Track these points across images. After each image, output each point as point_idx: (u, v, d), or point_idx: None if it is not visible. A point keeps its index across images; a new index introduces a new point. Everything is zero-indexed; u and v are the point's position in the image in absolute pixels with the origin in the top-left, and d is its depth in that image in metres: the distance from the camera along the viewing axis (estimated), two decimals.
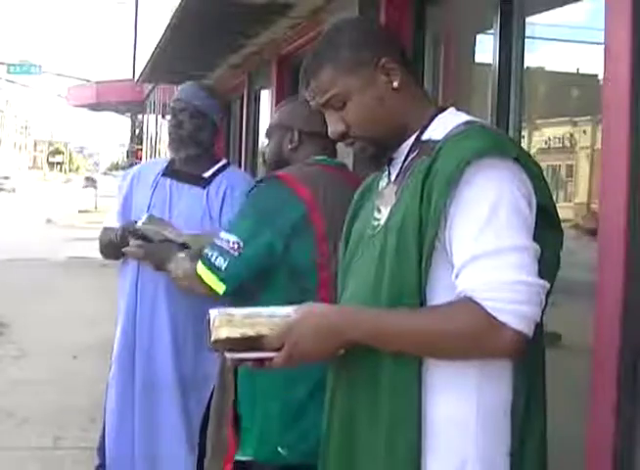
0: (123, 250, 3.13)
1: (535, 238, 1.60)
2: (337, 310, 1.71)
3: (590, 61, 3.26)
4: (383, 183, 1.81)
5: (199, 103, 3.25)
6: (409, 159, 1.72)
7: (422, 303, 1.60)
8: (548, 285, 1.58)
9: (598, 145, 3.03)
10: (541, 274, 1.59)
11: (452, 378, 1.60)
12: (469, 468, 1.59)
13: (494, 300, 1.52)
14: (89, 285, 11.07)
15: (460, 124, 1.68)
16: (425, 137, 1.71)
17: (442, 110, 1.77)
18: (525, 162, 1.64)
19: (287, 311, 1.67)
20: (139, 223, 3.09)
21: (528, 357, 1.63)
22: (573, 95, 3.82)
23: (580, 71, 3.58)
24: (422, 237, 1.59)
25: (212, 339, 1.65)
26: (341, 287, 1.87)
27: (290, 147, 2.58)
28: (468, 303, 1.54)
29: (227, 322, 1.64)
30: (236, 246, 2.36)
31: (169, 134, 3.30)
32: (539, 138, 3.76)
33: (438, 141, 1.65)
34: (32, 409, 5.54)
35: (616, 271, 2.26)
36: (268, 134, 2.68)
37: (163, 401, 3.22)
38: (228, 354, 1.67)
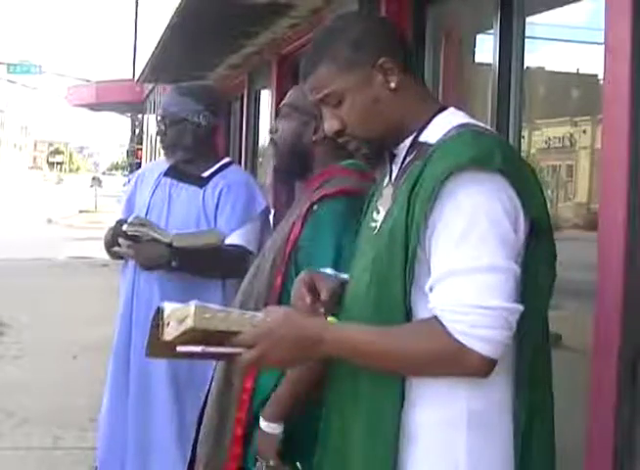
0: (114, 249, 3.19)
1: (529, 251, 1.56)
2: (316, 323, 1.66)
3: (590, 61, 3.26)
4: (384, 182, 1.79)
5: (174, 109, 3.28)
6: (407, 160, 1.69)
7: (407, 313, 1.58)
8: (521, 308, 1.52)
9: (598, 145, 3.03)
10: (538, 288, 1.57)
11: (441, 386, 1.57)
12: None
13: (461, 322, 1.49)
14: (89, 285, 11.05)
15: (452, 129, 1.63)
16: (422, 139, 1.67)
17: (442, 109, 1.72)
18: (516, 172, 1.57)
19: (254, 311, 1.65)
20: (126, 224, 3.15)
21: (533, 370, 1.60)
22: (573, 95, 3.81)
23: (580, 71, 3.58)
24: (407, 247, 1.56)
25: (182, 329, 1.55)
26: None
27: (314, 138, 2.32)
28: (435, 324, 1.52)
29: (201, 312, 1.54)
30: None
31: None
32: (539, 138, 3.75)
33: (432, 145, 1.62)
34: (32, 409, 5.53)
35: (616, 271, 2.26)
36: (284, 115, 2.40)
37: (158, 402, 3.23)
38: (193, 348, 1.56)
